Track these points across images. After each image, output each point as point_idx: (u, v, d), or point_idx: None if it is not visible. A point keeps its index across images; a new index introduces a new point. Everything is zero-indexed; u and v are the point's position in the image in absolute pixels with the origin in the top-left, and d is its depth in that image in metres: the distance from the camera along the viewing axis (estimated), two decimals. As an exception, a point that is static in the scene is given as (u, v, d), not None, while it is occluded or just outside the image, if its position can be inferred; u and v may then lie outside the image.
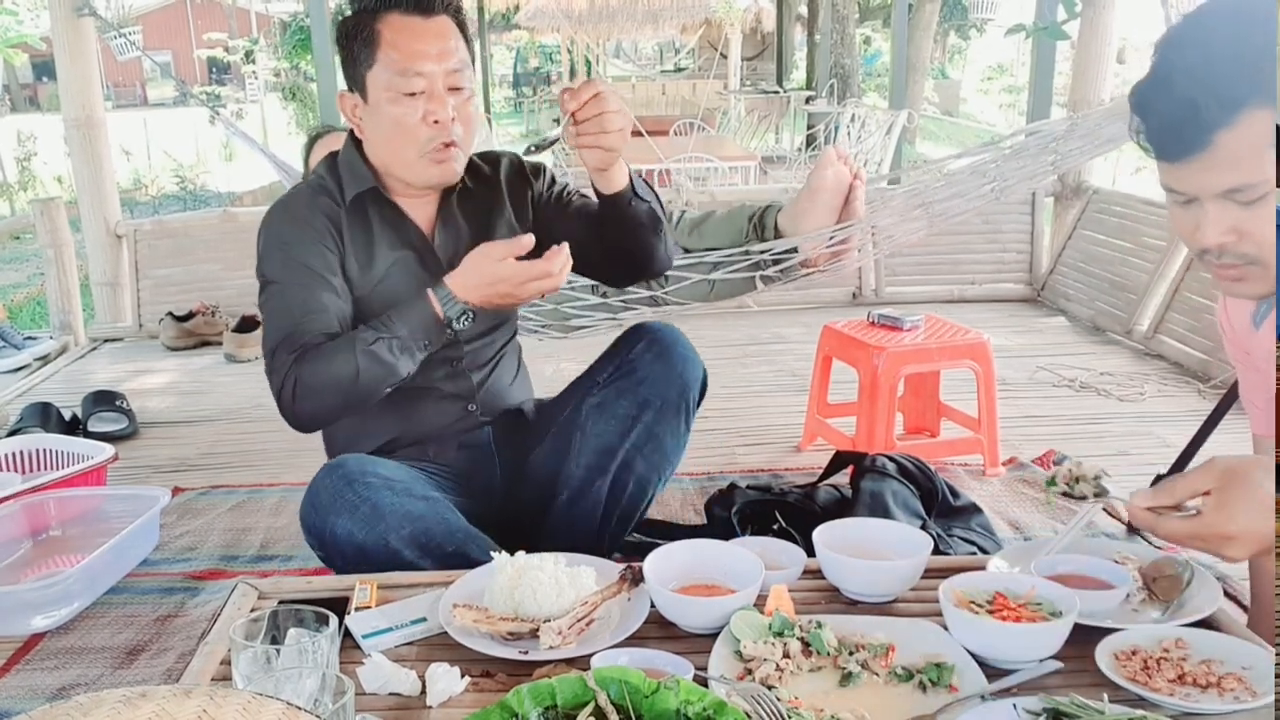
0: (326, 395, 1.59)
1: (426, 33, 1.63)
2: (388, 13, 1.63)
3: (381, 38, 1.62)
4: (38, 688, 1.85)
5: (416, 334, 1.60)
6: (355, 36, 1.65)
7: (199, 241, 4.58)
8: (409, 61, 1.61)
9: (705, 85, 13.88)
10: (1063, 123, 2.98)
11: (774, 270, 2.73)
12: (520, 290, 1.56)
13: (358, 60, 1.66)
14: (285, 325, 1.63)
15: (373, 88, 1.65)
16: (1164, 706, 1.03)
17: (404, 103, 1.62)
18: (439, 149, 1.65)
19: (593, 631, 1.20)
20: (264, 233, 1.74)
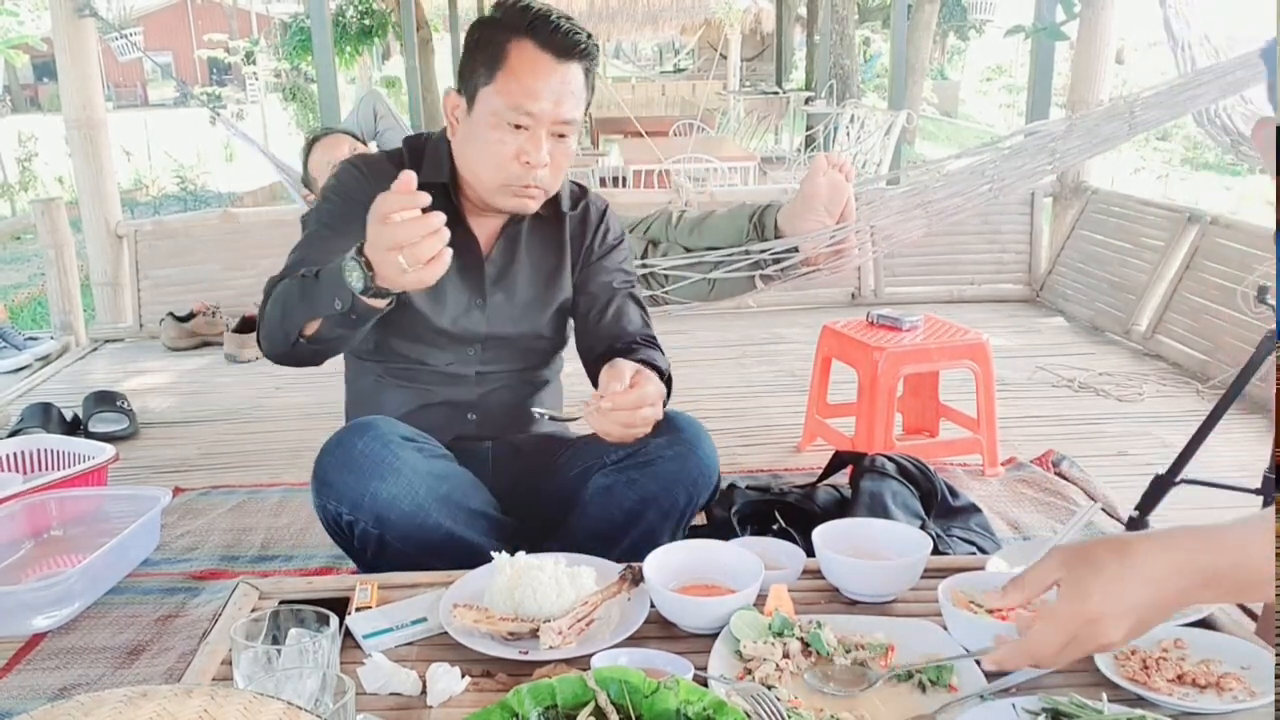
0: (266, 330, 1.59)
1: (552, 74, 1.57)
2: (522, 38, 1.57)
3: (507, 61, 1.57)
4: (39, 688, 1.85)
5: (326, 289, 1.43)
6: (483, 48, 1.60)
7: (199, 242, 4.58)
8: (524, 98, 1.56)
9: (705, 86, 13.89)
10: (1061, 123, 2.98)
11: (774, 269, 2.73)
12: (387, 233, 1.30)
13: (476, 69, 1.60)
14: (290, 262, 1.63)
15: (480, 104, 1.60)
16: (1163, 706, 1.03)
17: (504, 132, 1.58)
18: (521, 187, 1.62)
19: (593, 631, 1.20)
20: (331, 183, 1.73)
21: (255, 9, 23.48)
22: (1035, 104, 4.88)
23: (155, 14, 28.13)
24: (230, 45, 21.48)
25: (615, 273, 1.84)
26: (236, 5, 26.16)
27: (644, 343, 1.79)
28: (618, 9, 13.11)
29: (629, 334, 1.79)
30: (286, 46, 15.60)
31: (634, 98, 13.26)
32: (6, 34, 12.10)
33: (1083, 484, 2.65)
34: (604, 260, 1.84)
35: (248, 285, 4.47)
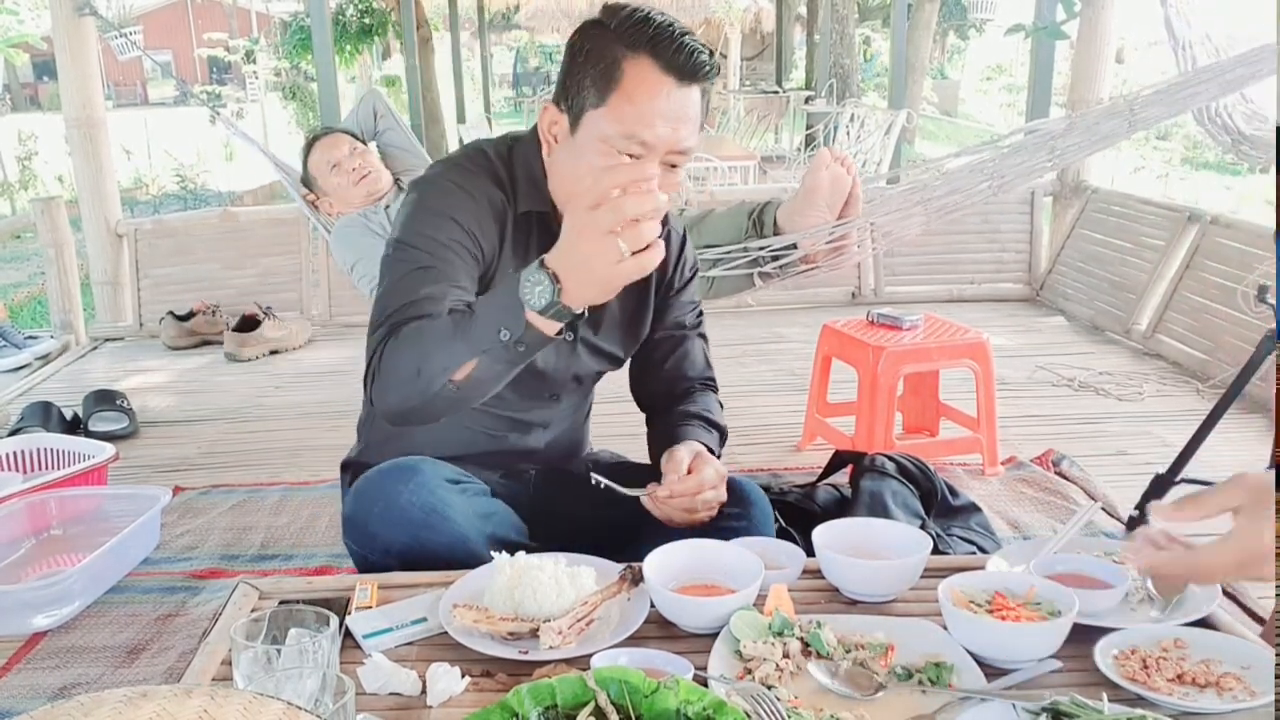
0: (395, 380, 1.33)
1: (672, 99, 1.39)
2: (641, 56, 1.38)
3: (623, 81, 1.38)
4: (39, 687, 1.85)
5: (491, 317, 1.24)
6: (593, 61, 1.40)
7: (199, 241, 4.58)
8: (641, 126, 1.38)
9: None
10: (1061, 122, 2.98)
11: (772, 267, 2.73)
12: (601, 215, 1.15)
13: (583, 87, 1.41)
14: (398, 298, 1.39)
15: (588, 125, 1.42)
16: (1163, 706, 1.03)
17: (612, 160, 1.39)
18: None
19: (593, 631, 1.20)
20: (423, 194, 1.50)
21: (255, 8, 23.48)
22: (1035, 103, 4.88)
23: (155, 13, 28.11)
24: (230, 44, 21.47)
25: (688, 307, 1.74)
26: (236, 4, 26.16)
27: (703, 386, 1.75)
28: (618, 8, 13.09)
29: (689, 378, 1.74)
30: (286, 45, 15.59)
31: (634, 97, 13.23)
32: (6, 33, 12.09)
33: (1083, 483, 2.65)
34: (680, 295, 1.73)
35: (247, 284, 4.47)
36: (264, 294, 4.35)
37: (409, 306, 1.37)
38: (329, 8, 5.37)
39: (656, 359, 1.73)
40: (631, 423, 1.82)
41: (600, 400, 1.85)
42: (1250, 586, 2.10)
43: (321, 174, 2.89)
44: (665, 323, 1.72)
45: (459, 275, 1.43)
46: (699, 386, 1.74)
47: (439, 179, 1.52)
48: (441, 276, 1.41)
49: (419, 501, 1.44)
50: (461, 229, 1.45)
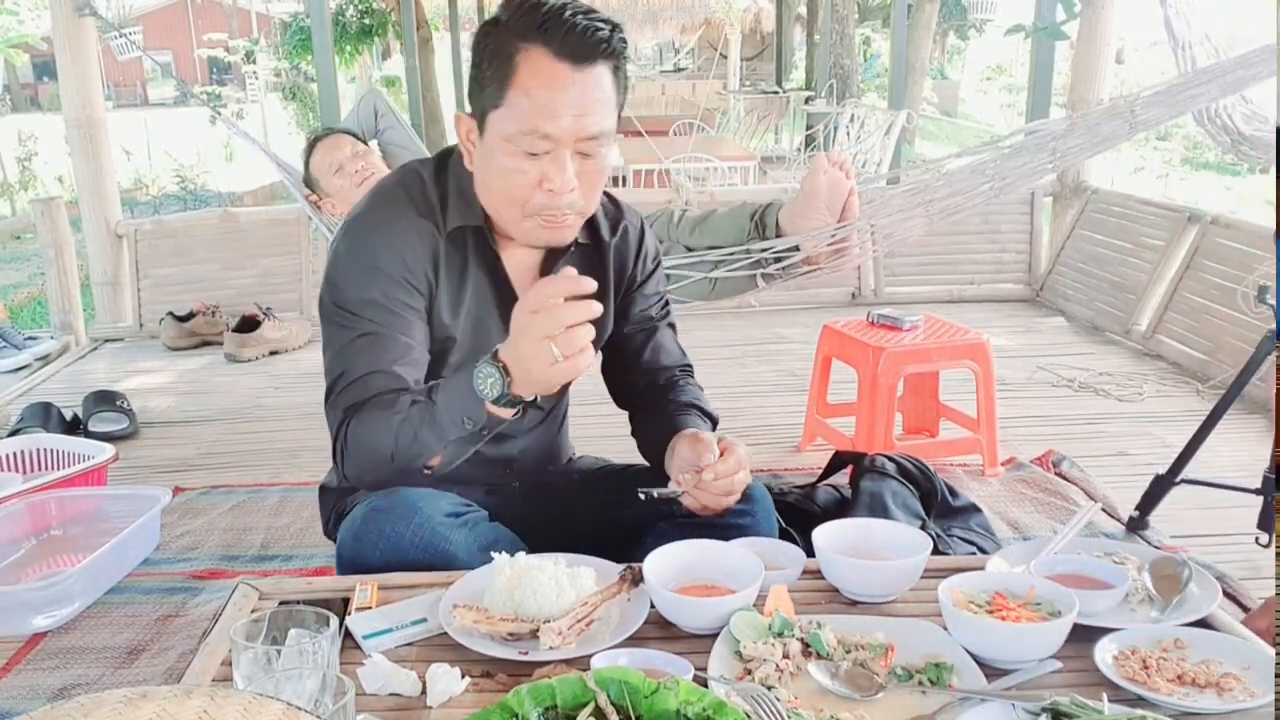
0: (368, 463, 1.42)
1: (571, 85, 1.32)
2: (533, 44, 1.33)
3: (517, 75, 1.33)
4: (39, 688, 1.85)
5: (453, 409, 1.34)
6: (490, 59, 1.36)
7: (199, 241, 4.58)
8: (539, 119, 1.33)
9: (705, 85, 13.90)
10: (1061, 122, 2.98)
11: (775, 268, 2.73)
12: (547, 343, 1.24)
13: (484, 88, 1.37)
14: (348, 375, 1.43)
15: (491, 128, 1.38)
16: (1163, 706, 1.03)
17: (521, 159, 1.36)
18: (551, 215, 1.41)
19: (593, 632, 1.20)
20: (349, 245, 1.47)
21: (255, 8, 23.48)
22: (1035, 104, 4.88)
23: (155, 13, 28.12)
24: (230, 44, 21.48)
25: (653, 299, 1.70)
26: (236, 4, 26.16)
27: (683, 373, 1.74)
28: (618, 9, 13.11)
29: (667, 368, 1.72)
30: (286, 46, 15.60)
31: (634, 97, 13.20)
32: (6, 33, 12.10)
33: (1083, 484, 2.65)
34: (644, 287, 1.69)
35: (248, 285, 4.47)
36: (264, 294, 4.35)
37: (358, 386, 1.42)
38: (329, 8, 5.37)
39: (630, 353, 1.70)
40: (614, 424, 1.81)
41: (583, 403, 1.83)
42: (1250, 586, 2.10)
43: (324, 176, 2.89)
44: (632, 318, 1.69)
45: (401, 330, 1.44)
46: (679, 374, 1.73)
47: (362, 221, 1.49)
48: (383, 341, 1.43)
49: (422, 543, 1.42)
50: (391, 279, 1.44)
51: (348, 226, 1.50)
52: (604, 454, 1.90)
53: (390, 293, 1.44)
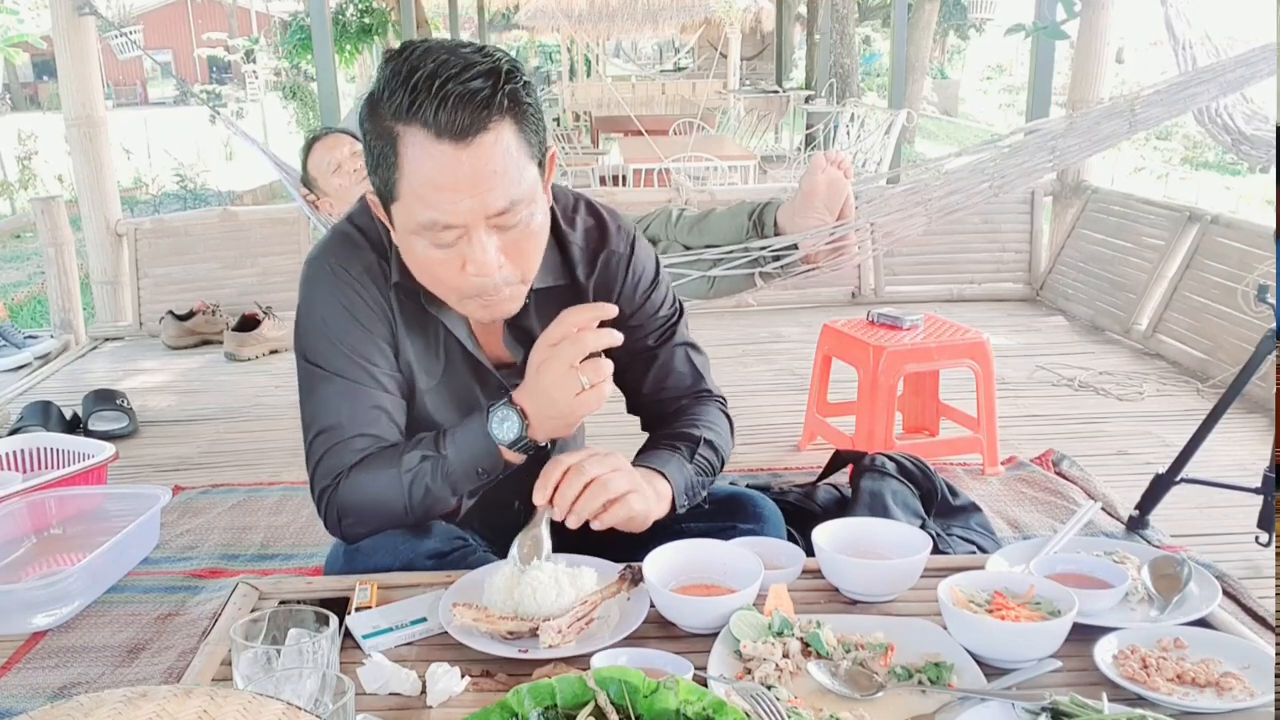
0: (376, 520, 1.37)
1: (459, 166, 1.16)
2: (410, 125, 1.16)
3: (402, 163, 1.18)
4: (39, 686, 1.85)
5: (465, 460, 1.32)
6: (375, 145, 1.22)
7: (199, 240, 4.58)
8: (432, 210, 1.19)
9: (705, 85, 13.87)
10: (1061, 121, 2.99)
11: (773, 267, 2.73)
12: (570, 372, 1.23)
13: (376, 171, 1.24)
14: (328, 436, 1.37)
15: (397, 220, 1.26)
16: (1163, 705, 1.03)
17: (435, 247, 1.23)
18: (487, 294, 1.28)
19: (592, 630, 1.20)
20: (306, 302, 1.39)
21: (255, 7, 23.48)
22: (1035, 103, 4.88)
23: (155, 12, 28.13)
24: (230, 44, 21.48)
25: (650, 323, 1.53)
26: (236, 4, 26.15)
27: (694, 400, 1.58)
28: (618, 8, 13.10)
29: (676, 397, 1.57)
30: (286, 45, 15.60)
31: (634, 96, 13.25)
32: (6, 32, 12.09)
33: (1083, 483, 2.65)
34: (637, 314, 1.51)
35: (248, 284, 4.48)
36: (264, 294, 4.35)
37: (342, 449, 1.36)
38: (329, 8, 5.37)
39: (632, 383, 1.56)
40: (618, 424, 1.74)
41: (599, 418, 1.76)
42: (1250, 586, 2.10)
43: (322, 175, 2.89)
44: (628, 347, 1.44)
45: (372, 380, 1.37)
46: (689, 402, 1.58)
47: (317, 267, 1.39)
48: (358, 394, 1.37)
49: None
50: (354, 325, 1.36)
51: (309, 272, 1.41)
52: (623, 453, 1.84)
53: (356, 344, 1.37)
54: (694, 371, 1.58)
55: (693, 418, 1.54)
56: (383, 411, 1.39)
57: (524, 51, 26.88)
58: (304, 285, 1.41)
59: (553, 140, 9.33)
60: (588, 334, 1.24)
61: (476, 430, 1.32)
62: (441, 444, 1.34)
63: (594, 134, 11.60)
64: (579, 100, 13.09)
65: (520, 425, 1.29)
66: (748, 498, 1.60)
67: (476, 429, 1.32)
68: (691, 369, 1.58)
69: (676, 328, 1.57)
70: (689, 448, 1.48)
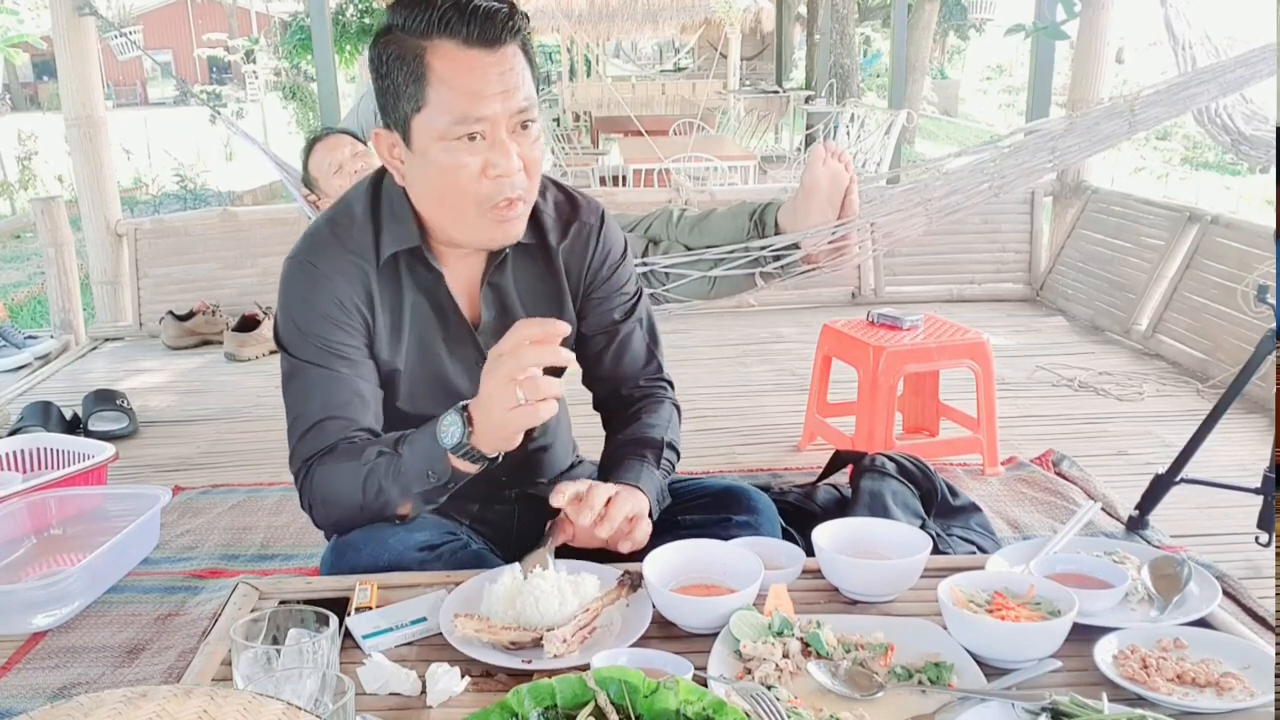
0: (337, 512, 1.43)
1: (489, 68, 1.31)
2: (439, 40, 1.31)
3: (432, 72, 1.31)
4: (39, 686, 1.85)
5: (417, 461, 1.35)
6: (397, 66, 1.33)
7: (199, 240, 4.58)
8: (468, 106, 1.31)
9: (705, 85, 13.87)
10: (1061, 121, 2.98)
11: (774, 267, 2.73)
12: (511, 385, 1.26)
13: (400, 96, 1.34)
14: (302, 420, 1.45)
15: (420, 132, 1.34)
16: (1163, 705, 1.03)
17: (459, 152, 1.33)
18: (501, 206, 1.37)
19: (596, 639, 1.20)
20: (284, 291, 1.49)
21: (255, 7, 23.48)
22: (1035, 103, 4.88)
23: (155, 12, 28.12)
24: (230, 44, 21.48)
25: (616, 298, 1.61)
26: (236, 4, 26.15)
27: (651, 385, 1.64)
28: (618, 8, 13.09)
29: (632, 376, 1.64)
30: (286, 45, 15.60)
31: (634, 96, 13.25)
32: (6, 32, 12.09)
33: (1083, 483, 2.65)
34: (604, 287, 1.59)
35: (248, 284, 4.48)
36: (264, 294, 4.35)
37: (314, 433, 1.43)
38: (329, 7, 5.37)
39: (591, 358, 1.63)
40: None
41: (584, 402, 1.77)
42: (1250, 586, 2.10)
43: (323, 175, 2.89)
44: (590, 323, 1.60)
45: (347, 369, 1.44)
46: (646, 386, 1.64)
47: (293, 264, 1.49)
48: (331, 382, 1.43)
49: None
50: (327, 321, 1.44)
51: (285, 269, 1.50)
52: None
53: (328, 335, 1.44)
54: (649, 352, 1.65)
55: (651, 418, 1.60)
56: (355, 395, 1.44)
57: (524, 52, 26.86)
58: (281, 283, 1.49)
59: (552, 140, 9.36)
60: (528, 349, 1.24)
61: (429, 433, 1.34)
62: (400, 443, 1.38)
63: (594, 134, 11.60)
64: (579, 100, 13.09)
65: (462, 432, 1.30)
66: (742, 491, 1.61)
67: (429, 432, 1.34)
68: (647, 349, 1.65)
69: (638, 306, 1.64)
70: (654, 454, 1.53)
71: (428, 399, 1.50)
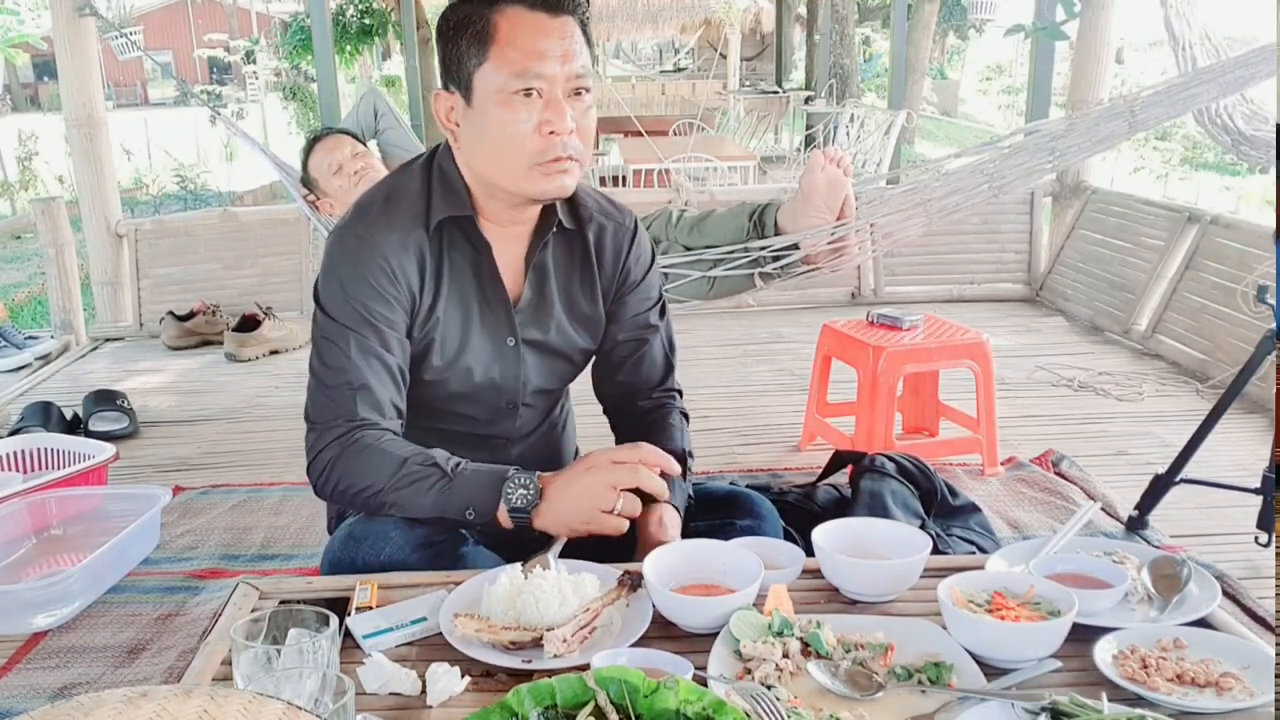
0: (348, 489, 1.45)
1: (551, 31, 1.40)
2: (506, 4, 1.40)
3: (498, 32, 1.39)
4: (39, 687, 1.85)
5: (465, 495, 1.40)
6: (464, 29, 1.42)
7: (200, 241, 4.58)
8: (529, 61, 1.39)
9: (705, 85, 13.89)
10: (1061, 122, 2.98)
11: (773, 267, 2.73)
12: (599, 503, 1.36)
13: (464, 56, 1.42)
14: (328, 386, 1.47)
15: (481, 87, 1.41)
16: (1162, 705, 1.03)
17: (518, 106, 1.40)
18: (552, 161, 1.43)
19: (596, 639, 1.20)
20: (332, 258, 1.50)
21: (255, 8, 23.47)
22: (1035, 104, 4.88)
23: (155, 13, 28.11)
24: (230, 44, 21.49)
25: (644, 304, 1.66)
26: (236, 4, 26.14)
27: (664, 396, 1.68)
28: (618, 8, 13.10)
29: (647, 387, 1.67)
30: (286, 46, 15.60)
31: (634, 97, 13.26)
32: (7, 33, 12.09)
33: (1082, 483, 2.65)
34: (635, 291, 1.65)
35: (248, 284, 4.48)
36: (264, 294, 4.35)
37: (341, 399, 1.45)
38: (329, 8, 5.38)
39: (614, 363, 1.67)
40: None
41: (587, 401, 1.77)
42: (1250, 586, 2.10)
43: (322, 176, 2.89)
44: (624, 323, 1.65)
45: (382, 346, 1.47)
46: (660, 397, 1.67)
47: (347, 233, 1.50)
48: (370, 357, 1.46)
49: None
50: (374, 292, 1.46)
51: (333, 240, 1.52)
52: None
53: (371, 304, 1.46)
54: (667, 362, 1.70)
55: (670, 429, 1.63)
56: (385, 369, 1.47)
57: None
58: (328, 252, 1.51)
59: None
60: (645, 471, 1.35)
61: (490, 480, 1.39)
62: (456, 468, 1.42)
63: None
64: (579, 100, 13.05)
65: (534, 499, 1.36)
66: (745, 496, 1.63)
67: (490, 479, 1.39)
68: (665, 360, 1.69)
69: (664, 315, 1.70)
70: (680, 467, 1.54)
71: (455, 373, 1.55)
